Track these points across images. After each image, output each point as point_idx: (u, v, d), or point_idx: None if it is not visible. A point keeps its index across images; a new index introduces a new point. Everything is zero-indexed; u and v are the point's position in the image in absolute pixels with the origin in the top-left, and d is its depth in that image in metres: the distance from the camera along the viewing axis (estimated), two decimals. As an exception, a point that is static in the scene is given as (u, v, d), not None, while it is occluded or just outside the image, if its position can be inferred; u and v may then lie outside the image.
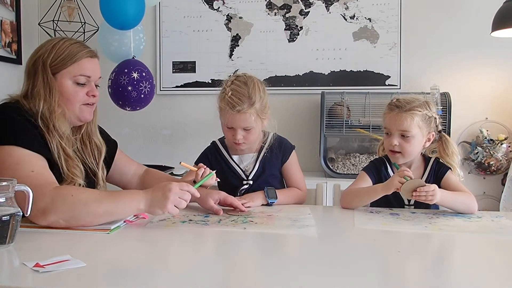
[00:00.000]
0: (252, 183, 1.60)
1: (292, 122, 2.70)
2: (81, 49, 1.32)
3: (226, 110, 1.49)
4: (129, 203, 1.18)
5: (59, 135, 1.27)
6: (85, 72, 1.32)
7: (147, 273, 0.85)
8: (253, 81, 1.53)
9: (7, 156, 1.17)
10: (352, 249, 1.08)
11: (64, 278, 0.82)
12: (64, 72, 1.30)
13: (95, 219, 1.15)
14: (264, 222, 1.28)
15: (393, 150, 1.48)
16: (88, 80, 1.33)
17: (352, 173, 2.51)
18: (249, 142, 1.56)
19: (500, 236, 1.20)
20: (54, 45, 1.30)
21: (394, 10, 2.69)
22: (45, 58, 1.28)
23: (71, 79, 1.30)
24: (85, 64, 1.32)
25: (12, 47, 2.66)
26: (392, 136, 1.48)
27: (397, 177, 1.37)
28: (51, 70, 1.28)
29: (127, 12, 2.31)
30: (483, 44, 2.58)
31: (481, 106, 2.63)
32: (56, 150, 1.25)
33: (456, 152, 1.54)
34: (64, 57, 1.29)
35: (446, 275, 0.91)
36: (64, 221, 1.12)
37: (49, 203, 1.11)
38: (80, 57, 1.31)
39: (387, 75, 2.71)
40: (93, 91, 1.35)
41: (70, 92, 1.30)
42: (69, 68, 1.30)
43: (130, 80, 2.38)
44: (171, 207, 1.17)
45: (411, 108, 1.45)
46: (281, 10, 2.80)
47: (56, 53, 1.29)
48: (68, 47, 1.30)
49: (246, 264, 0.97)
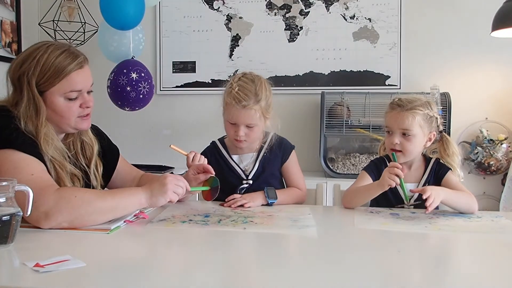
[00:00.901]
0: (251, 182, 1.60)
1: (292, 122, 2.70)
2: (69, 61, 1.22)
3: (231, 104, 1.50)
4: (131, 198, 1.21)
5: (51, 150, 1.23)
6: (75, 87, 1.24)
7: (147, 273, 0.85)
8: (260, 79, 1.56)
9: (5, 160, 1.15)
10: (352, 249, 1.08)
11: (64, 278, 0.82)
12: (53, 90, 1.22)
13: (99, 217, 1.15)
14: (264, 222, 1.28)
15: (394, 149, 1.48)
16: (80, 93, 1.27)
17: (352, 173, 2.51)
18: (250, 140, 1.56)
19: (500, 236, 1.20)
20: (38, 60, 1.19)
21: (394, 10, 2.69)
22: (30, 76, 1.19)
23: (62, 96, 1.23)
24: (75, 79, 1.24)
25: (12, 47, 2.66)
26: (393, 135, 1.48)
27: (387, 172, 1.37)
28: (38, 88, 1.20)
29: (127, 13, 2.31)
30: (483, 44, 2.59)
31: (481, 106, 2.63)
32: (49, 164, 1.23)
33: (457, 153, 1.54)
34: (51, 74, 1.20)
35: (446, 275, 0.91)
36: (67, 223, 1.12)
37: (52, 206, 1.10)
38: (69, 71, 1.22)
39: (387, 75, 2.72)
40: (87, 103, 1.28)
41: (62, 109, 1.24)
42: (58, 85, 1.22)
43: (129, 80, 2.38)
44: (171, 193, 1.23)
45: (412, 107, 1.45)
46: (281, 10, 2.80)
47: (42, 70, 1.20)
48: (54, 61, 1.20)
49: (246, 264, 0.98)
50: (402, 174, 1.37)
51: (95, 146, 1.40)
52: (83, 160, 1.37)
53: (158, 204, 1.25)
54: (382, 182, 1.39)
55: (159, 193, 1.23)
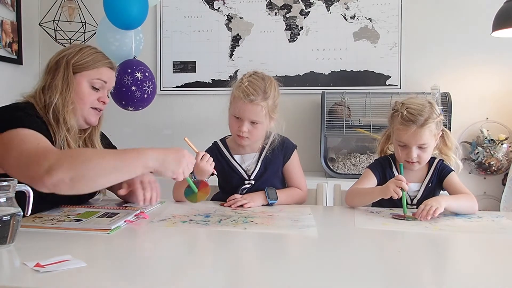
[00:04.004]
0: (254, 182, 1.60)
1: (293, 122, 2.69)
2: (104, 58, 1.43)
3: (239, 98, 1.51)
4: (136, 158, 1.17)
5: (67, 129, 1.32)
6: (102, 77, 1.40)
7: (147, 273, 0.85)
8: (270, 79, 1.60)
9: (14, 136, 1.17)
10: (352, 249, 1.08)
11: (64, 278, 0.82)
12: (84, 74, 1.38)
13: (102, 176, 1.13)
14: (265, 222, 1.28)
15: (412, 161, 1.50)
16: (103, 86, 1.41)
17: (352, 173, 2.51)
18: (252, 138, 1.56)
19: (500, 236, 1.20)
20: (81, 49, 1.40)
21: (395, 10, 2.69)
22: (69, 58, 1.37)
23: (89, 81, 1.39)
24: (104, 72, 1.41)
25: (13, 47, 2.66)
26: (410, 150, 1.49)
27: (393, 185, 1.39)
28: (73, 69, 1.37)
29: (132, 12, 2.31)
30: (483, 44, 2.59)
31: (482, 106, 2.63)
32: (62, 143, 1.29)
33: (456, 144, 1.57)
34: (87, 60, 1.38)
35: (446, 275, 0.91)
36: (70, 180, 1.08)
37: (54, 161, 1.08)
38: (101, 64, 1.41)
39: (388, 75, 2.71)
40: (104, 98, 1.43)
41: (84, 92, 1.38)
42: (90, 71, 1.39)
43: (134, 80, 2.39)
44: (182, 171, 1.24)
45: (426, 120, 1.46)
46: (282, 10, 2.80)
47: (81, 56, 1.38)
48: (93, 54, 1.41)
49: (247, 264, 0.98)
50: (407, 187, 1.39)
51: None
52: None
53: (163, 174, 1.21)
54: (385, 191, 1.40)
55: (171, 165, 1.21)
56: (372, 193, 1.48)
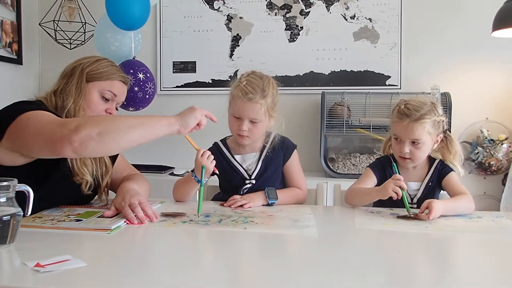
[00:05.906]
0: (254, 182, 1.60)
1: (293, 122, 2.68)
2: (118, 72, 1.47)
3: (238, 97, 1.52)
4: (160, 117, 1.26)
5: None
6: (113, 90, 1.44)
7: (148, 273, 0.85)
8: (268, 77, 1.61)
9: (30, 117, 1.18)
10: (352, 249, 1.08)
11: (64, 278, 0.82)
12: (96, 83, 1.42)
13: (129, 131, 1.17)
14: (265, 222, 1.28)
15: (404, 157, 1.50)
16: (112, 99, 1.44)
17: (352, 173, 2.51)
18: (252, 137, 1.57)
19: (500, 236, 1.20)
20: (98, 60, 1.45)
21: (395, 10, 2.69)
22: (85, 66, 1.41)
23: (100, 91, 1.42)
24: (116, 85, 1.45)
25: (13, 47, 2.66)
26: (403, 144, 1.49)
27: (391, 184, 1.39)
28: (86, 77, 1.40)
29: (134, 13, 2.31)
30: (483, 44, 2.58)
31: (482, 106, 2.63)
32: None
33: (460, 152, 1.56)
34: (102, 71, 1.43)
35: (446, 275, 0.91)
36: (97, 135, 1.10)
37: (80, 121, 1.16)
38: (115, 77, 1.45)
39: (388, 75, 2.71)
40: (112, 110, 1.46)
41: (93, 101, 1.41)
42: (102, 82, 1.42)
43: (137, 80, 2.39)
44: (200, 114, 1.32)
45: (420, 116, 1.46)
46: (282, 10, 2.80)
47: (97, 66, 1.43)
48: (108, 66, 1.45)
49: (247, 264, 0.98)
50: (406, 186, 1.39)
51: (110, 170, 1.47)
52: (97, 171, 1.43)
53: (188, 124, 1.29)
54: (384, 192, 1.40)
55: (190, 116, 1.29)
56: (370, 194, 1.48)
